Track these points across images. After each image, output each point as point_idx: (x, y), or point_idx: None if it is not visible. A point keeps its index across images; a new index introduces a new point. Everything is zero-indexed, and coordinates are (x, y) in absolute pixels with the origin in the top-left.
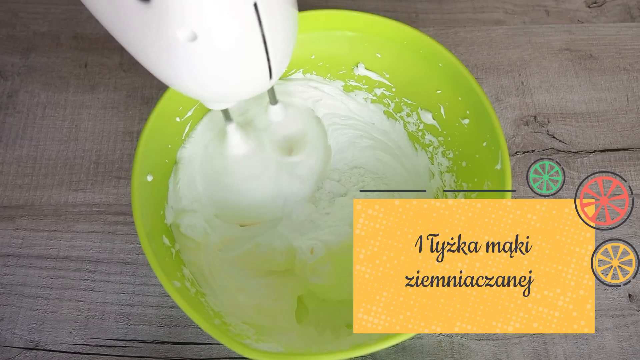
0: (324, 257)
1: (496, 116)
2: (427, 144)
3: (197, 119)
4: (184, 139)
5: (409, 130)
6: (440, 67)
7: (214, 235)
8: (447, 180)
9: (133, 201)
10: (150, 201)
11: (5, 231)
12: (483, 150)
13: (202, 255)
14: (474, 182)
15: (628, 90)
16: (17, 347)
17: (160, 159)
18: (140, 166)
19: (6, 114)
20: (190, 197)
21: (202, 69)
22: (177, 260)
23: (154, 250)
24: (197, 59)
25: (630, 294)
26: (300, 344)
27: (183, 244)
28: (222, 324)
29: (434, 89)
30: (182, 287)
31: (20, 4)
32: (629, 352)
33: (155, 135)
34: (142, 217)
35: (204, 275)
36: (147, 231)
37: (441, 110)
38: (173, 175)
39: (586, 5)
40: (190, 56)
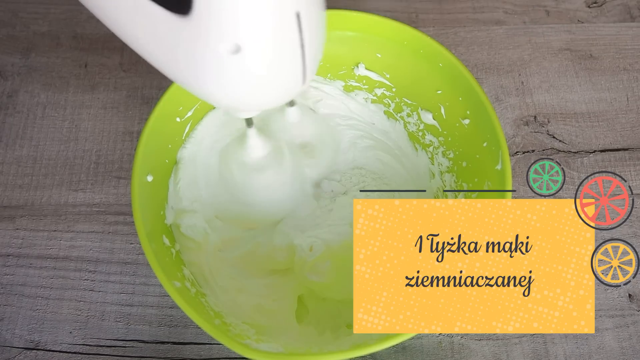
0: (323, 254)
1: (496, 116)
2: (428, 144)
3: (197, 119)
4: (184, 139)
5: (410, 130)
6: (440, 67)
7: (214, 236)
8: (447, 180)
9: (133, 201)
10: (151, 201)
11: (5, 231)
12: (483, 150)
13: (203, 256)
14: (474, 182)
15: (628, 90)
16: (17, 347)
17: (160, 159)
18: (141, 166)
19: (6, 114)
20: (190, 197)
21: (241, 80)
22: (178, 261)
23: (154, 250)
24: (237, 72)
25: (630, 294)
26: (300, 344)
27: (183, 244)
28: (222, 324)
29: (434, 89)
30: (182, 288)
31: (20, 4)
32: (629, 352)
33: (155, 135)
34: (142, 217)
35: (204, 275)
36: (147, 231)
37: (441, 110)
38: (173, 176)
39: (586, 5)
40: (230, 69)
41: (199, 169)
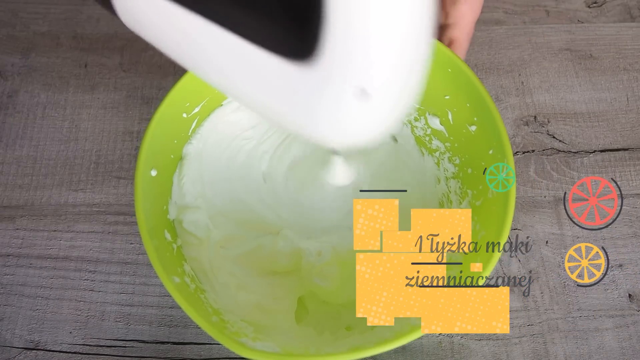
0: (330, 260)
1: (503, 125)
2: (434, 149)
3: (204, 115)
4: (190, 135)
5: (417, 134)
6: (449, 73)
7: (216, 232)
8: (452, 186)
9: (136, 194)
10: (154, 196)
11: (5, 231)
12: (489, 157)
13: (204, 252)
14: (478, 189)
15: (628, 90)
16: (17, 347)
17: (165, 154)
18: (145, 160)
19: (6, 114)
20: (194, 193)
21: (363, 122)
22: (179, 256)
23: (155, 245)
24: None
25: (630, 294)
26: (298, 344)
27: (185, 239)
28: (220, 321)
29: (442, 95)
30: (181, 283)
31: (20, 4)
32: (629, 352)
33: (161, 130)
34: (145, 211)
35: (204, 271)
36: (149, 226)
37: (449, 115)
38: (178, 171)
39: (586, 5)
40: (356, 114)
41: (205, 165)
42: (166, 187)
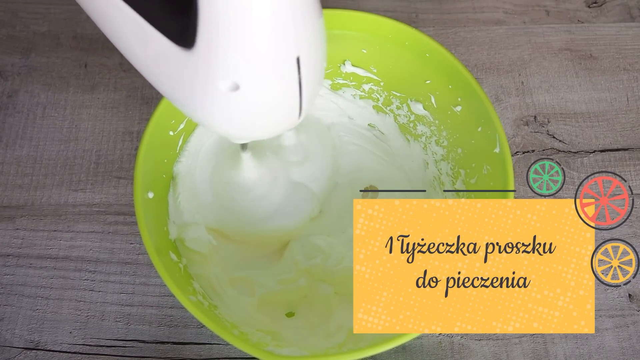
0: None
1: (489, 100)
2: (419, 135)
3: (189, 130)
4: (178, 153)
5: (400, 122)
6: (427, 58)
7: (219, 246)
8: (443, 168)
9: (139, 220)
10: (154, 219)
11: (5, 231)
12: (479, 135)
13: (209, 268)
14: (471, 167)
15: (628, 90)
16: (17, 347)
17: (158, 175)
18: (141, 184)
19: (6, 114)
20: (191, 209)
21: (239, 115)
22: (186, 275)
23: (166, 266)
24: (235, 107)
25: (630, 294)
26: (312, 346)
27: (189, 258)
28: (241, 334)
29: (423, 80)
30: (197, 302)
31: (20, 4)
32: (629, 352)
33: (151, 151)
34: (150, 234)
35: (213, 287)
36: (157, 249)
37: (432, 100)
38: (172, 190)
39: (586, 5)
40: (229, 104)
41: (197, 182)
42: (163, 208)
